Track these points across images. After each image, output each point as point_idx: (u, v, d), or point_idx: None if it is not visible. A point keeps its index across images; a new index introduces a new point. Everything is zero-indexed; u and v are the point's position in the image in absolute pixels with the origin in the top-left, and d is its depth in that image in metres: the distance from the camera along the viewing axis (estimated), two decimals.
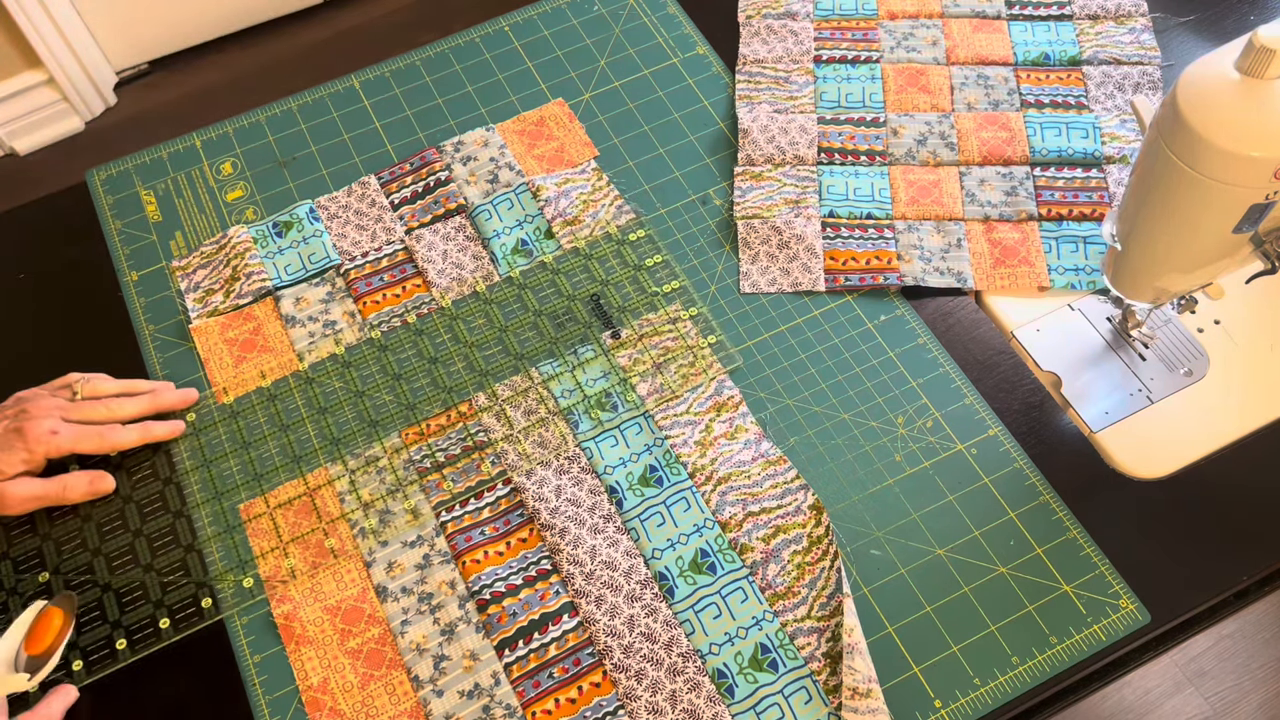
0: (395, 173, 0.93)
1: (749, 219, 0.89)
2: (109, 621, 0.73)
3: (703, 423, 0.79)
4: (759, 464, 0.76)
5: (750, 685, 0.68)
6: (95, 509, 0.78)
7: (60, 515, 0.78)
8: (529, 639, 0.71)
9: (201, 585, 0.74)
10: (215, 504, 0.78)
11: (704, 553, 0.73)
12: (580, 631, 0.71)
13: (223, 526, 0.77)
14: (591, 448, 0.78)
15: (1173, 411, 0.79)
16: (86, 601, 0.74)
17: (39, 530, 0.77)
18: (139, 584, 0.75)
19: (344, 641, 0.72)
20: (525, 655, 0.70)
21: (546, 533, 0.75)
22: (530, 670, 0.70)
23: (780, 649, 0.69)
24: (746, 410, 0.79)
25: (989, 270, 0.86)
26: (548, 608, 0.72)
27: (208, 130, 0.98)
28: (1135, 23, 0.99)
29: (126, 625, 0.73)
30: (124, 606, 0.74)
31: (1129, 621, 0.71)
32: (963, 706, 0.68)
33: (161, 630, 0.73)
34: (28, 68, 1.92)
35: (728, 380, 0.81)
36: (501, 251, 0.88)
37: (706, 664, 0.69)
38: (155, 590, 0.74)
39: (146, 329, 0.87)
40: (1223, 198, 0.66)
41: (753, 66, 0.98)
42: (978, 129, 0.93)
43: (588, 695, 0.69)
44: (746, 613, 0.71)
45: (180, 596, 0.74)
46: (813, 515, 0.74)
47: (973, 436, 0.78)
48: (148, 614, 0.73)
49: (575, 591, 0.72)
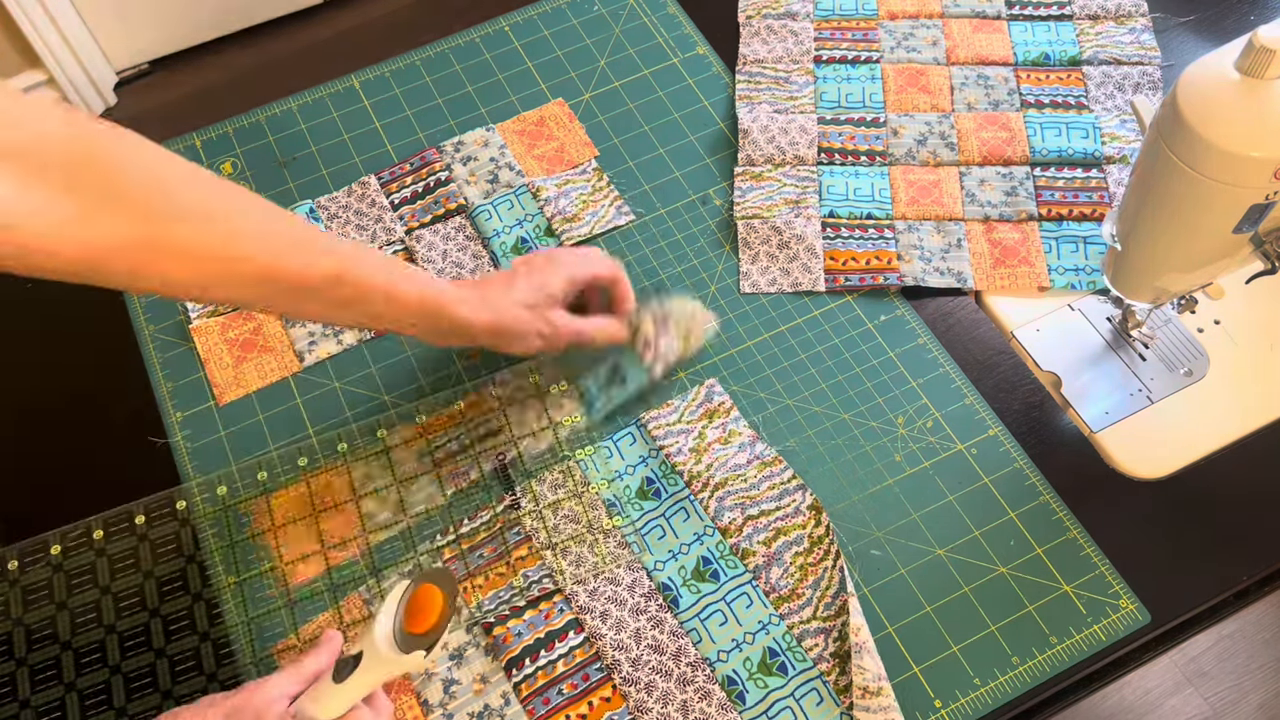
0: (395, 173, 0.93)
1: (749, 219, 0.89)
2: (114, 708, 0.70)
3: (695, 430, 0.78)
4: (754, 466, 0.76)
5: (761, 690, 0.68)
6: (115, 582, 0.75)
7: (79, 586, 0.75)
8: (535, 657, 0.70)
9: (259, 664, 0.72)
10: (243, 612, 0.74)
11: (705, 560, 0.73)
12: (587, 647, 0.70)
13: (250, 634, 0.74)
14: (587, 461, 0.78)
15: (1173, 411, 0.79)
16: (94, 683, 0.71)
17: (55, 599, 0.74)
18: (193, 650, 0.72)
19: None
20: (533, 673, 0.70)
21: (546, 552, 0.74)
22: (539, 688, 0.69)
23: (788, 652, 0.69)
24: (739, 415, 0.79)
25: (989, 270, 0.86)
26: (552, 625, 0.71)
27: (208, 130, 0.98)
28: (1135, 23, 0.99)
29: (131, 714, 0.70)
30: (176, 676, 0.71)
31: (1129, 621, 0.71)
32: (963, 706, 0.68)
33: None
34: (28, 68, 1.92)
35: (717, 386, 0.80)
36: (501, 251, 0.88)
37: (716, 671, 0.69)
38: (165, 679, 0.71)
39: (146, 329, 0.87)
40: (1223, 198, 0.66)
41: (753, 66, 0.98)
42: (978, 129, 0.93)
43: (598, 710, 0.68)
44: (752, 618, 0.71)
45: (233, 671, 0.71)
46: (812, 515, 0.74)
47: (973, 436, 0.78)
48: (200, 688, 0.71)
49: (580, 608, 0.72)
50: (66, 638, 0.73)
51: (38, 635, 0.73)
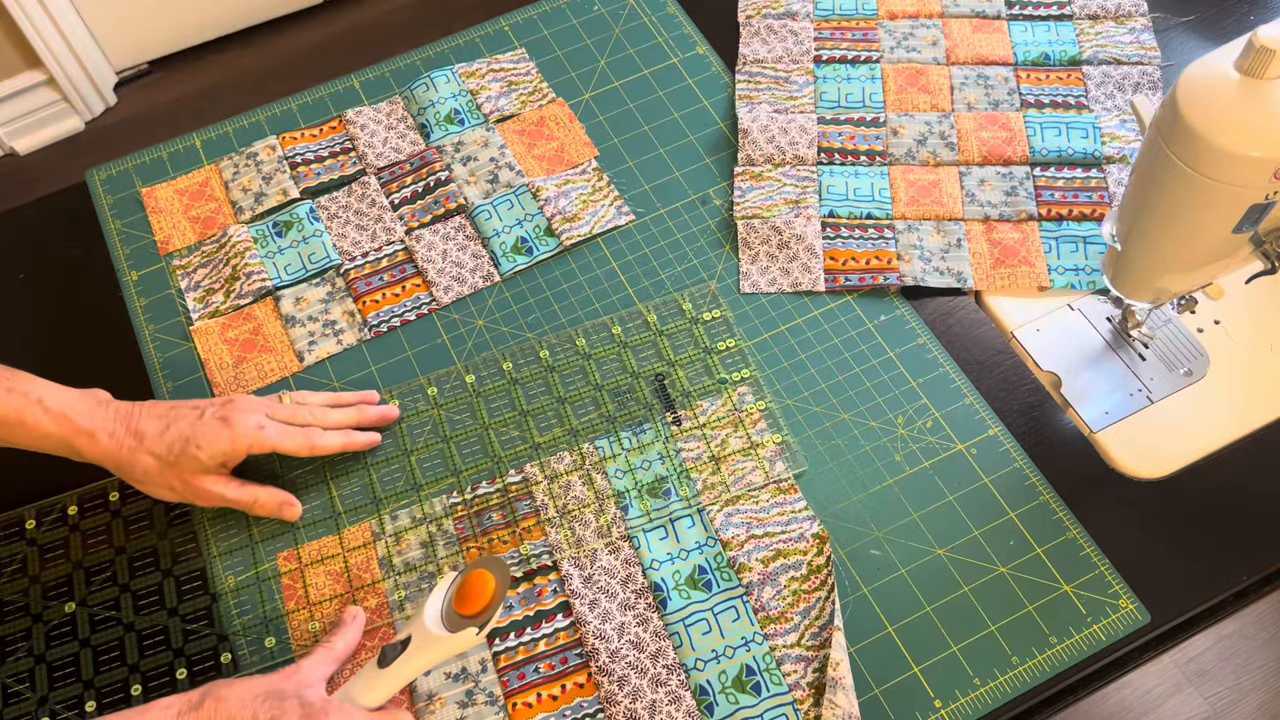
0: (395, 173, 0.93)
1: (749, 219, 0.89)
2: (127, 665, 0.72)
3: (719, 437, 0.78)
4: (769, 490, 0.76)
5: (731, 705, 0.68)
6: (129, 542, 0.77)
7: (94, 544, 0.77)
8: (520, 632, 0.71)
9: (223, 639, 0.73)
10: (248, 551, 0.76)
11: (702, 570, 0.73)
12: (571, 631, 0.71)
13: (252, 577, 0.75)
14: (604, 446, 0.78)
15: (1173, 411, 0.79)
16: (108, 640, 0.73)
17: (71, 557, 0.76)
18: (162, 628, 0.73)
19: (340, 610, 0.73)
20: (515, 647, 0.71)
21: (550, 529, 0.75)
22: (517, 662, 0.70)
23: (765, 673, 0.69)
24: (765, 428, 0.79)
25: (989, 270, 0.86)
26: (543, 605, 0.72)
27: (208, 130, 0.98)
28: (1135, 23, 0.99)
29: (144, 670, 0.72)
30: (144, 650, 0.72)
31: (1129, 621, 0.71)
32: (963, 706, 0.68)
33: (178, 680, 0.71)
34: (28, 68, 1.92)
35: (749, 394, 0.80)
36: (501, 250, 0.88)
37: (690, 679, 0.69)
38: (177, 637, 0.73)
39: (146, 329, 0.87)
40: (1223, 198, 0.66)
41: (753, 66, 0.98)
42: (978, 129, 0.93)
43: (570, 694, 0.69)
44: (736, 632, 0.70)
45: (201, 648, 0.72)
46: (815, 544, 0.73)
47: (973, 436, 0.78)
48: (165, 661, 0.72)
49: (571, 592, 0.72)
50: (82, 595, 0.75)
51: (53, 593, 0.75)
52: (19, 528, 0.78)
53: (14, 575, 0.76)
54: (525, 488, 0.77)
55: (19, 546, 0.77)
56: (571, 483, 0.77)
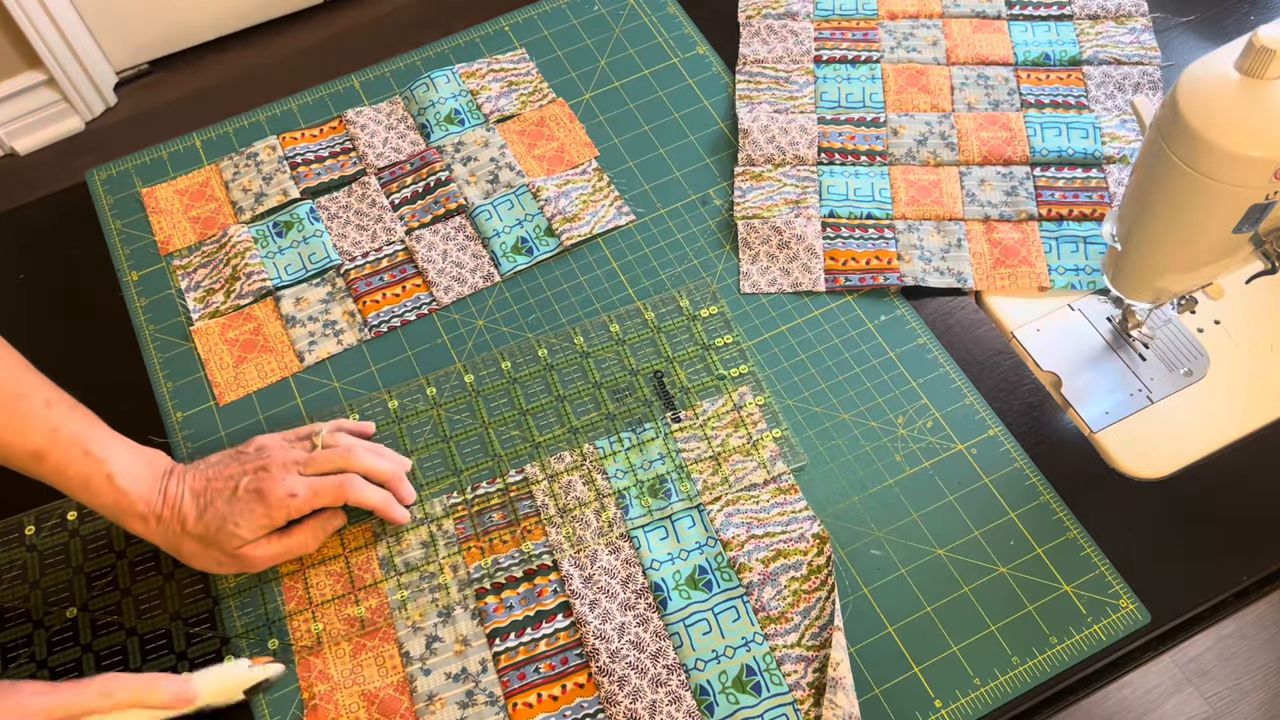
0: (395, 173, 0.93)
1: (749, 219, 0.89)
2: (129, 669, 0.71)
3: (720, 437, 0.78)
4: (769, 490, 0.76)
5: (731, 705, 0.68)
6: (130, 546, 0.76)
7: (95, 549, 0.76)
8: (521, 632, 0.71)
9: (225, 641, 0.73)
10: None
11: (702, 570, 0.73)
12: (572, 631, 0.71)
13: (253, 579, 0.75)
14: (604, 445, 0.78)
15: (1173, 411, 0.79)
16: (110, 644, 0.73)
17: (71, 562, 0.76)
18: (164, 631, 0.73)
19: (341, 610, 0.73)
20: (515, 647, 0.71)
21: (551, 528, 0.75)
22: (518, 662, 0.70)
23: (766, 673, 0.69)
24: (765, 427, 0.79)
25: (989, 270, 0.86)
26: (544, 605, 0.72)
27: (208, 130, 0.98)
28: (1135, 23, 0.99)
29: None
30: (146, 654, 0.72)
31: (1129, 621, 0.71)
32: (963, 706, 0.68)
33: None
34: (28, 68, 1.92)
35: (749, 394, 0.80)
36: (502, 250, 0.88)
37: (690, 679, 0.69)
38: (180, 640, 0.73)
39: (146, 329, 0.87)
40: (1223, 198, 0.66)
41: (753, 66, 0.98)
42: (978, 129, 0.93)
43: (570, 695, 0.69)
44: (736, 632, 0.70)
45: (203, 650, 0.72)
46: (815, 544, 0.73)
47: (973, 436, 0.78)
48: (168, 665, 0.72)
49: (571, 592, 0.72)
50: (84, 600, 0.75)
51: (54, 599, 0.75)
52: (19, 534, 0.77)
53: (14, 581, 0.75)
54: (525, 487, 0.77)
55: (19, 552, 0.77)
56: (572, 482, 0.77)
